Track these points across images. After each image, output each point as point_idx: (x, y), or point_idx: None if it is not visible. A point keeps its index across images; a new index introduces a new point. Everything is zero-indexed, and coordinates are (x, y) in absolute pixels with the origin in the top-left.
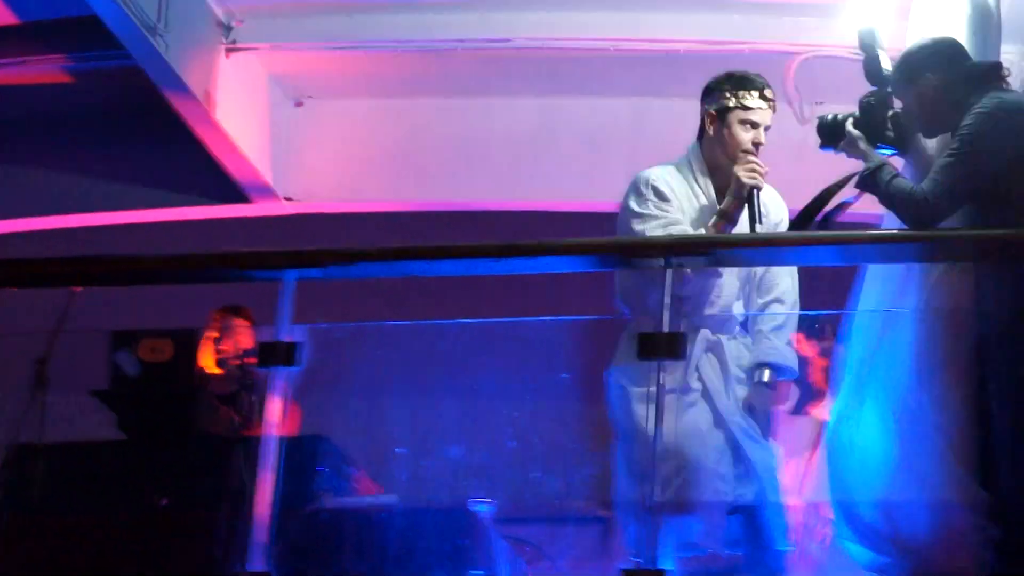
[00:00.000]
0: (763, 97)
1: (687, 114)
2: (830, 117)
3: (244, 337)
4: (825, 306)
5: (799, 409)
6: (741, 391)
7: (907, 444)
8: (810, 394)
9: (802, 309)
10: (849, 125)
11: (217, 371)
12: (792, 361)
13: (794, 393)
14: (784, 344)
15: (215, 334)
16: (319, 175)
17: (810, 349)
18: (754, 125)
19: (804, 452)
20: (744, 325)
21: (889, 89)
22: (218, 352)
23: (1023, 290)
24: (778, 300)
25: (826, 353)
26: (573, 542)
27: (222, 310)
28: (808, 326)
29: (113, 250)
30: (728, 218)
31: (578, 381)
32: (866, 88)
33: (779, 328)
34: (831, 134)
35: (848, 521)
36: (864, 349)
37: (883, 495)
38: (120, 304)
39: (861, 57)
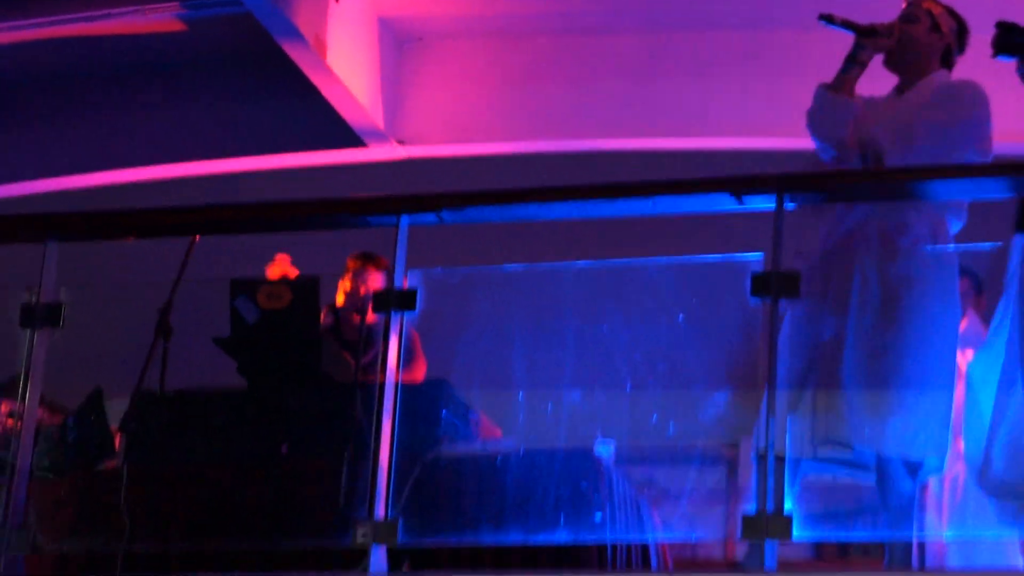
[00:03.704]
0: None
1: (799, 44)
2: (1015, 25)
3: (376, 284)
4: None
5: None
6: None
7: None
8: None
9: None
10: None
11: (350, 316)
12: None
13: None
14: None
15: (348, 279)
16: (431, 117)
17: None
18: None
19: None
20: None
21: None
22: (348, 297)
23: None
24: None
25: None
26: (697, 483)
27: (356, 256)
28: None
29: (229, 197)
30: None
31: (695, 323)
32: None
33: None
34: (1015, 44)
35: (977, 467)
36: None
37: (1000, 439)
38: (237, 251)
39: None
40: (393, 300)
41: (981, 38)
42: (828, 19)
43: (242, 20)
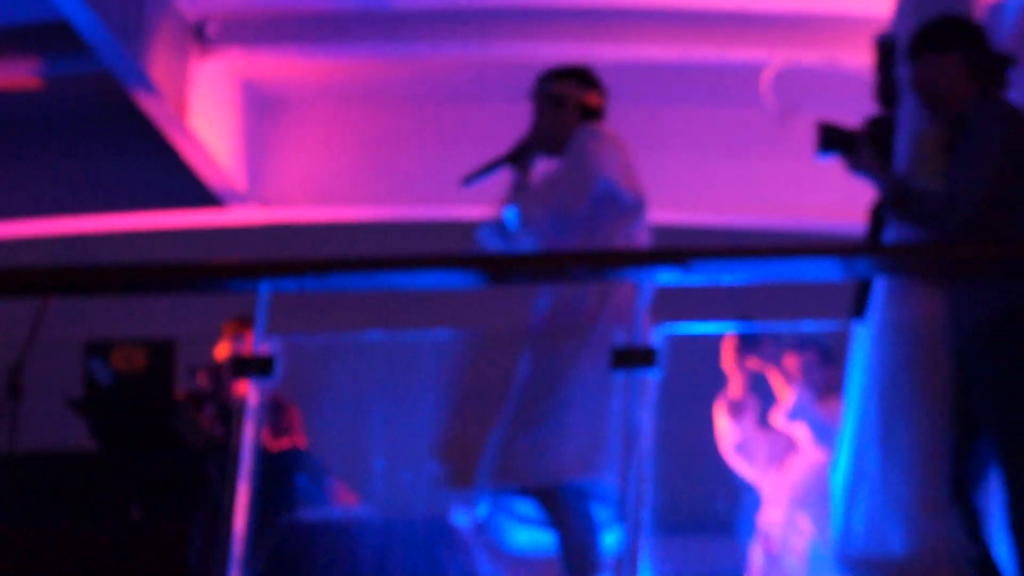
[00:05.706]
0: None
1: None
2: (833, 125)
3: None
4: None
5: (764, 421)
6: None
7: (879, 461)
8: (770, 404)
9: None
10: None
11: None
12: None
13: (759, 406)
14: None
15: (227, 343)
16: (294, 180)
17: (756, 362)
18: None
19: (776, 463)
20: None
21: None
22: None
23: (1002, 300)
24: None
25: (772, 360)
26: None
27: (233, 320)
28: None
29: (86, 257)
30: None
31: None
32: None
33: None
34: (841, 141)
35: (837, 539)
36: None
37: (857, 514)
38: (93, 312)
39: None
40: (252, 366)
41: None
42: (469, 179)
43: (102, 78)
